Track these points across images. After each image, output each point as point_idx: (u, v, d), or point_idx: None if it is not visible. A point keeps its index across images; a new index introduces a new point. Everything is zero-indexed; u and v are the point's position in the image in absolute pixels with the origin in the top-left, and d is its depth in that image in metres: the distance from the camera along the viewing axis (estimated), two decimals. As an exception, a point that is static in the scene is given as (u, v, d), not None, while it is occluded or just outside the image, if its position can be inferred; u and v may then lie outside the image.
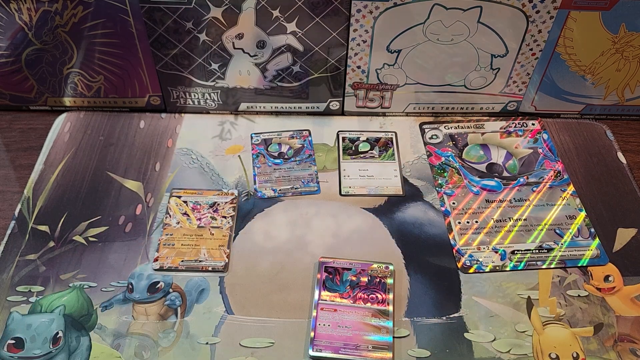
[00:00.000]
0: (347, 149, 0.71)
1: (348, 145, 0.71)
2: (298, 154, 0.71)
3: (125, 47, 0.70)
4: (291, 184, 0.68)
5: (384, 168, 0.69)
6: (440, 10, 0.65)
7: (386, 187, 0.68)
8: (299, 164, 0.70)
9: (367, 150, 0.70)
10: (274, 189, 0.68)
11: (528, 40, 0.68)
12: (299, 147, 0.71)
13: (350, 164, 0.70)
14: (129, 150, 0.71)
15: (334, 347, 0.53)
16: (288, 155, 0.70)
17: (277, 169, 0.69)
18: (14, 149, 0.72)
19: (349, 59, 0.71)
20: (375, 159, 0.70)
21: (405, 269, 0.60)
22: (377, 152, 0.70)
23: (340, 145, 0.71)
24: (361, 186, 0.68)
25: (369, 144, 0.71)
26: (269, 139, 0.72)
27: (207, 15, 0.66)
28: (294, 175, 0.69)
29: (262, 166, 0.69)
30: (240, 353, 0.53)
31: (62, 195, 0.66)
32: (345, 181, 0.69)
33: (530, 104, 0.77)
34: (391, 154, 0.70)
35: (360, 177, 0.69)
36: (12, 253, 0.61)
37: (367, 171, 0.69)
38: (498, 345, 0.54)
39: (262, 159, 0.70)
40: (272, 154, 0.70)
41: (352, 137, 0.72)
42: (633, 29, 0.67)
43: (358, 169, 0.69)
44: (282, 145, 0.71)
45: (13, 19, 0.67)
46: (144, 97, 0.75)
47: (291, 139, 0.71)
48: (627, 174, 0.70)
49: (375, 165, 0.70)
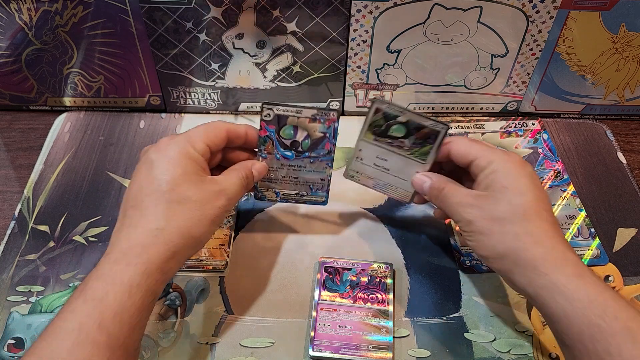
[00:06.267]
0: (376, 125, 0.53)
1: (379, 121, 0.53)
2: (315, 147, 0.55)
3: (125, 47, 0.70)
4: (297, 189, 0.57)
5: (405, 165, 0.54)
6: (440, 10, 0.65)
7: (395, 188, 0.56)
8: (313, 162, 0.56)
9: (399, 136, 0.53)
10: (277, 191, 0.58)
11: (528, 40, 0.68)
12: (320, 136, 0.54)
13: (370, 147, 0.54)
14: (129, 150, 0.71)
15: (334, 347, 0.53)
16: (303, 146, 0.55)
17: (285, 166, 0.56)
18: (13, 149, 0.72)
19: (349, 59, 0.71)
20: (403, 151, 0.54)
21: (405, 269, 0.60)
22: (409, 143, 0.53)
23: (369, 117, 0.53)
24: (369, 176, 0.57)
25: (406, 129, 0.52)
26: (284, 117, 0.54)
27: (207, 15, 0.66)
28: (304, 177, 0.57)
29: (269, 157, 0.55)
30: (240, 353, 0.53)
31: (62, 195, 0.66)
32: (356, 164, 0.56)
33: (530, 104, 0.77)
34: (425, 153, 0.53)
35: (374, 165, 0.56)
36: (12, 253, 0.61)
37: (385, 162, 0.55)
38: (498, 345, 0.54)
39: (270, 146, 0.55)
40: (284, 140, 0.54)
41: (390, 113, 0.52)
42: (633, 29, 0.67)
43: (376, 155, 0.55)
44: (298, 130, 0.54)
45: (13, 19, 0.67)
46: (144, 97, 0.75)
47: (312, 122, 0.53)
48: (627, 174, 0.70)
49: (398, 158, 0.54)
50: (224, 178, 0.50)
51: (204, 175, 0.49)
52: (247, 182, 0.52)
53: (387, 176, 0.56)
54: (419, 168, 0.54)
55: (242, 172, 0.52)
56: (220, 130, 0.52)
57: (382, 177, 0.56)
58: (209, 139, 0.50)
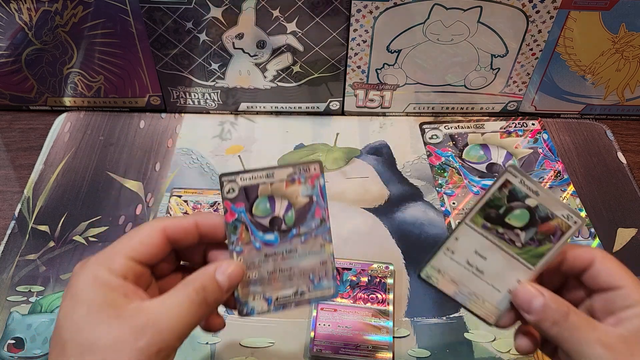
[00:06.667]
0: (494, 205, 0.40)
1: (501, 199, 0.40)
2: (303, 219, 0.41)
3: (126, 47, 0.70)
4: (295, 286, 0.41)
5: (506, 269, 0.40)
6: (441, 10, 0.65)
7: (482, 300, 0.41)
8: (306, 240, 0.41)
9: (517, 226, 0.40)
10: (268, 297, 0.41)
11: (528, 40, 0.68)
12: (305, 202, 0.41)
13: (472, 236, 0.40)
14: (129, 150, 0.71)
15: (334, 347, 0.53)
16: (287, 222, 0.41)
17: (269, 256, 0.41)
18: (14, 149, 0.72)
19: (349, 59, 0.71)
20: (512, 248, 0.40)
21: (406, 268, 0.60)
22: (525, 238, 0.40)
23: (491, 191, 0.39)
24: (453, 280, 0.41)
25: (529, 216, 0.39)
26: (252, 187, 0.40)
27: (207, 15, 0.66)
28: (298, 266, 0.41)
29: (246, 249, 0.40)
30: (240, 353, 0.53)
31: (62, 195, 0.66)
32: (442, 259, 0.41)
33: (530, 104, 0.77)
34: (539, 254, 0.40)
35: (466, 264, 0.41)
36: (12, 253, 0.61)
37: (482, 261, 0.41)
38: (498, 345, 0.54)
39: (243, 234, 0.40)
40: (260, 220, 0.40)
41: (520, 191, 0.39)
42: (633, 29, 0.67)
43: (475, 249, 0.40)
44: (275, 201, 0.41)
45: (13, 19, 0.67)
46: (144, 97, 0.75)
47: (291, 185, 0.41)
48: (627, 174, 0.70)
49: (502, 257, 0.40)
50: (159, 302, 0.36)
51: (125, 304, 0.35)
52: (203, 300, 0.37)
53: (477, 282, 0.41)
54: (523, 275, 0.40)
55: (192, 287, 0.37)
56: (153, 232, 0.38)
57: (470, 282, 0.41)
58: (135, 250, 0.37)
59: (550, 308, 0.38)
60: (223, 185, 0.40)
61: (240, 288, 0.41)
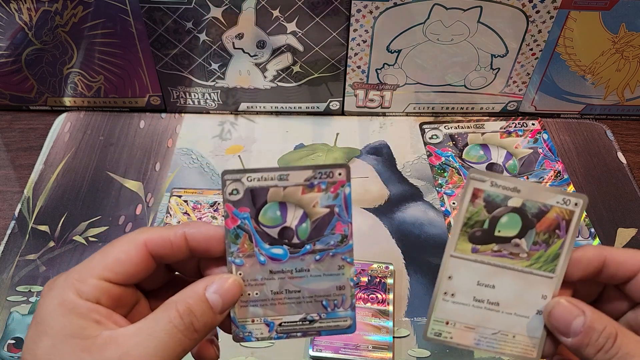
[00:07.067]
0: (474, 224, 0.33)
1: (478, 213, 0.33)
2: (320, 234, 0.34)
3: (126, 47, 0.70)
4: (303, 311, 0.35)
5: (525, 289, 0.33)
6: (441, 10, 0.65)
7: (512, 336, 0.34)
8: (321, 259, 0.34)
9: (512, 235, 0.33)
10: (270, 321, 0.35)
11: (528, 40, 0.68)
12: (324, 213, 0.34)
13: (466, 268, 0.34)
14: (129, 150, 0.71)
15: (334, 347, 0.53)
16: (300, 236, 0.34)
17: (275, 273, 0.34)
18: (13, 149, 0.72)
19: (349, 59, 0.71)
20: (519, 262, 0.33)
21: (406, 268, 0.60)
22: (527, 245, 0.33)
23: (463, 210, 0.33)
24: (468, 326, 0.34)
25: (521, 220, 0.33)
26: (261, 191, 0.34)
27: (207, 15, 0.66)
28: (309, 289, 0.35)
29: (247, 263, 0.34)
30: (240, 353, 0.53)
31: (62, 195, 0.66)
32: (444, 308, 0.34)
33: (530, 104, 0.77)
34: (553, 256, 0.33)
35: (474, 302, 0.34)
36: (12, 253, 0.60)
37: (491, 291, 0.34)
38: (498, 345, 0.54)
39: (245, 244, 0.34)
40: (268, 230, 0.34)
41: (495, 195, 0.33)
42: (633, 29, 0.67)
43: (477, 281, 0.34)
44: (288, 209, 0.34)
45: (13, 18, 0.67)
46: (144, 97, 0.75)
47: (309, 191, 0.34)
48: (627, 174, 0.70)
49: (512, 278, 0.34)
50: (135, 331, 0.30)
51: (95, 333, 0.30)
52: (189, 325, 0.31)
53: (496, 318, 0.34)
54: (546, 288, 0.33)
55: (174, 310, 0.31)
56: (132, 248, 0.32)
57: (488, 321, 0.34)
58: (109, 269, 0.32)
59: (593, 330, 0.31)
60: (226, 184, 0.33)
61: (237, 308, 0.34)
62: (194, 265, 0.35)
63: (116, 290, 0.32)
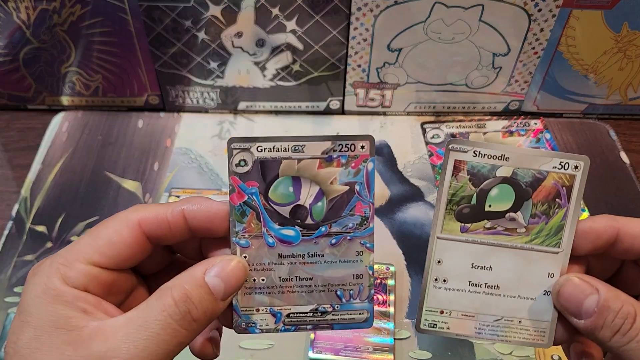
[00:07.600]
0: (460, 200, 0.30)
1: (463, 188, 0.30)
2: (338, 215, 0.31)
3: (124, 45, 0.69)
4: (314, 301, 0.32)
5: (526, 264, 0.30)
6: (442, 9, 0.65)
7: (518, 321, 0.31)
8: (337, 243, 0.31)
9: (505, 209, 0.30)
10: (277, 311, 0.31)
11: (530, 39, 0.68)
12: (343, 191, 0.30)
13: (456, 249, 0.31)
14: (128, 150, 0.71)
15: (334, 348, 0.52)
16: (315, 216, 0.31)
17: (285, 257, 0.31)
18: (11, 149, 0.72)
19: (349, 58, 0.70)
20: (517, 239, 0.30)
21: (407, 270, 0.60)
22: (525, 218, 0.30)
23: (445, 183, 0.31)
24: (466, 313, 0.31)
25: (514, 191, 0.30)
26: (272, 163, 0.30)
27: (206, 14, 0.65)
28: (322, 276, 0.31)
29: (254, 245, 0.31)
30: (240, 355, 0.53)
31: (60, 196, 0.66)
32: (436, 296, 0.32)
33: (532, 104, 0.76)
34: (557, 228, 0.30)
35: (470, 287, 0.31)
36: (10, 254, 0.60)
37: (488, 273, 0.31)
38: (500, 347, 0.54)
39: (252, 223, 0.30)
40: (279, 208, 0.30)
41: (480, 164, 0.30)
42: (635, 27, 0.67)
43: (471, 263, 0.31)
44: (302, 185, 0.30)
45: (11, 17, 0.66)
46: (142, 96, 0.75)
47: (327, 165, 0.30)
48: (630, 173, 0.69)
49: (510, 256, 0.30)
50: (125, 322, 0.27)
51: (81, 324, 0.27)
52: (185, 314, 0.27)
53: (496, 302, 0.31)
54: (552, 265, 0.30)
55: (169, 297, 0.28)
56: (124, 229, 0.30)
57: (488, 307, 0.31)
58: (99, 252, 0.29)
59: (609, 310, 0.27)
60: (232, 154, 0.30)
61: (240, 295, 0.31)
62: (196, 247, 0.32)
63: (107, 276, 0.29)
